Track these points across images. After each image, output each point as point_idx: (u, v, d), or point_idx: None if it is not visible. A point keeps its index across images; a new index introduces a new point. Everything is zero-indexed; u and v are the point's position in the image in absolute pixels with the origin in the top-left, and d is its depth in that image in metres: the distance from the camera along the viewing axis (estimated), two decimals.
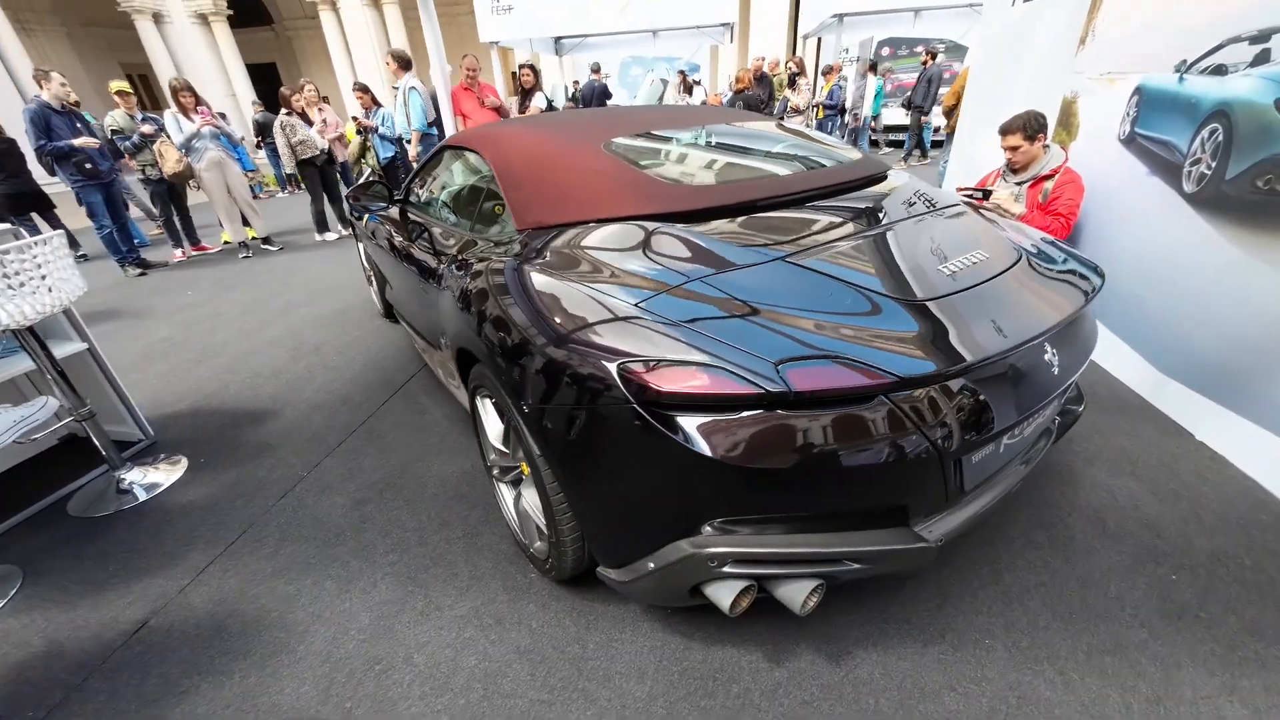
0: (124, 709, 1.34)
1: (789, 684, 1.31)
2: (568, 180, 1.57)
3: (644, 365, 1.02)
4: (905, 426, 1.00)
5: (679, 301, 1.13)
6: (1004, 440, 1.22)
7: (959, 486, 1.17)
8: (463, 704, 1.31)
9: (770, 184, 1.61)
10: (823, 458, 0.99)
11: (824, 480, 1.03)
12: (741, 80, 6.44)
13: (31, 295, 1.73)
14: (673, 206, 1.42)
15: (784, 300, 1.12)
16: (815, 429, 0.98)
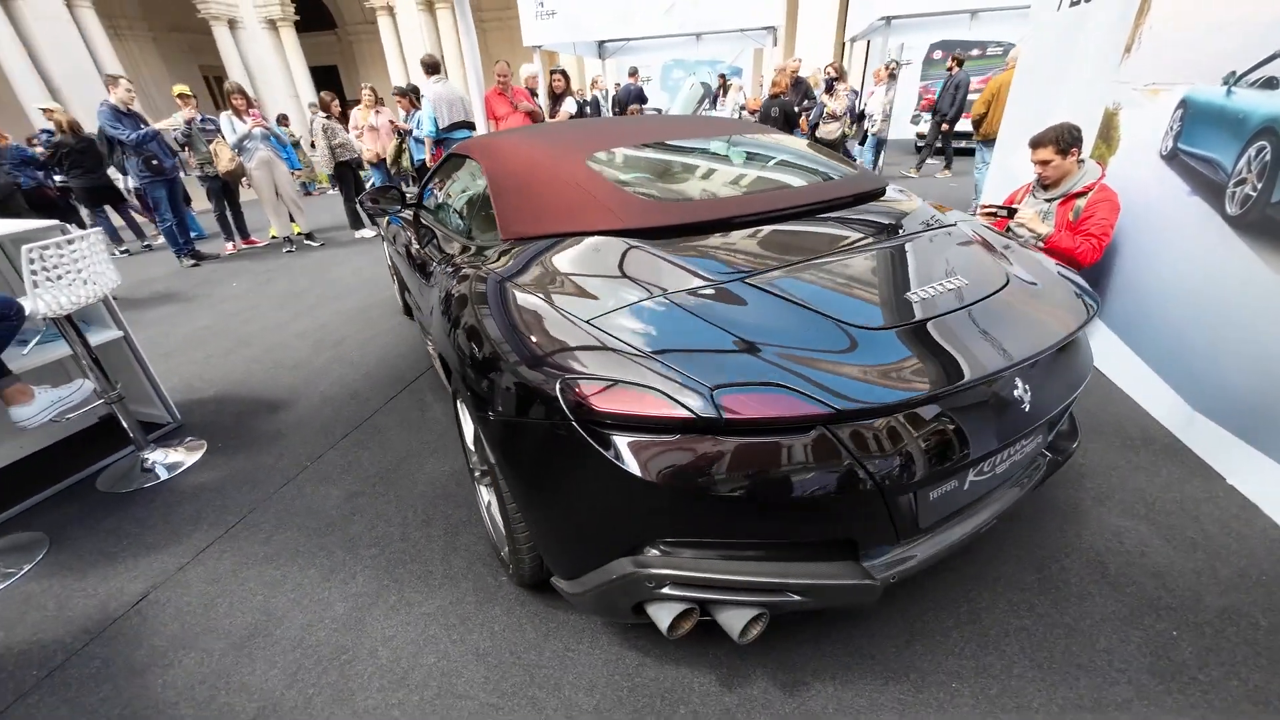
0: (114, 675, 1.44)
1: (738, 710, 1.29)
2: (548, 192, 1.59)
3: (583, 383, 1.03)
4: (843, 459, 0.97)
5: (631, 320, 1.13)
6: (969, 477, 1.16)
7: (913, 523, 1.12)
8: (416, 700, 1.35)
9: (749, 201, 1.59)
10: (756, 486, 0.97)
11: (759, 509, 1.01)
12: (777, 84, 6.33)
13: (68, 287, 1.89)
14: (645, 222, 1.42)
15: (736, 322, 1.10)
16: (748, 456, 0.96)
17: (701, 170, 1.88)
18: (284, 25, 18.82)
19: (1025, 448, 1.27)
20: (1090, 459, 2.07)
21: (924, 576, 1.61)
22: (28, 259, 1.75)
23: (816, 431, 0.96)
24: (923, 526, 1.14)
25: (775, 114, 6.26)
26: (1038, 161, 2.58)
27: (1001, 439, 1.11)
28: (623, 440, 0.99)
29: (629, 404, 0.98)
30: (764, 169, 1.97)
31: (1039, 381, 1.18)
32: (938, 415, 1.04)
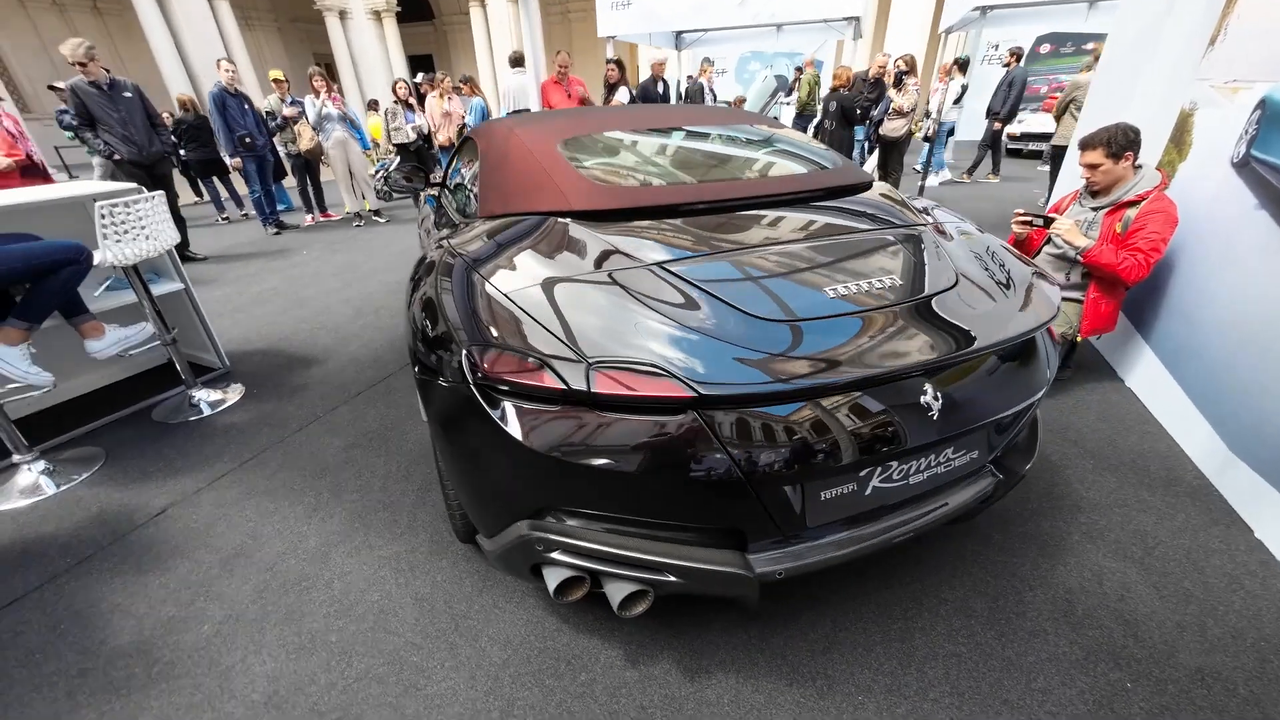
0: (124, 572, 1.70)
1: (634, 686, 1.33)
2: (518, 175, 1.67)
3: (483, 349, 1.10)
4: (712, 444, 0.97)
5: (544, 295, 1.18)
6: (872, 482, 1.12)
7: (800, 521, 1.10)
8: (353, 630, 1.49)
9: (703, 189, 1.59)
10: (626, 462, 1.00)
11: (631, 486, 1.04)
12: (839, 78, 6.06)
13: (133, 241, 2.19)
14: (593, 205, 1.46)
15: (640, 304, 1.12)
16: (618, 432, 0.99)
17: (667, 158, 1.89)
18: (387, 16, 20.15)
19: (952, 461, 1.20)
20: (1094, 492, 1.90)
21: (867, 587, 1.56)
22: (99, 214, 2.05)
23: (688, 414, 0.97)
24: (811, 525, 1.12)
25: (833, 109, 6.01)
26: (1086, 165, 2.35)
27: (906, 446, 1.06)
28: (509, 406, 1.05)
29: (515, 372, 1.04)
30: (735, 159, 1.95)
31: (963, 391, 1.11)
32: (823, 412, 1.01)
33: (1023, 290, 1.31)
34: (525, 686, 1.33)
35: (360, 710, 1.29)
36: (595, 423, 1.00)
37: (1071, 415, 2.34)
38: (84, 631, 1.51)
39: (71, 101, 4.23)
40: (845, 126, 6.18)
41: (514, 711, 1.28)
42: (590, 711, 1.27)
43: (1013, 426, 1.29)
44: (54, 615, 1.56)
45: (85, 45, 4.05)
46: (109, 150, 4.38)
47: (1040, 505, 1.85)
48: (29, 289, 1.97)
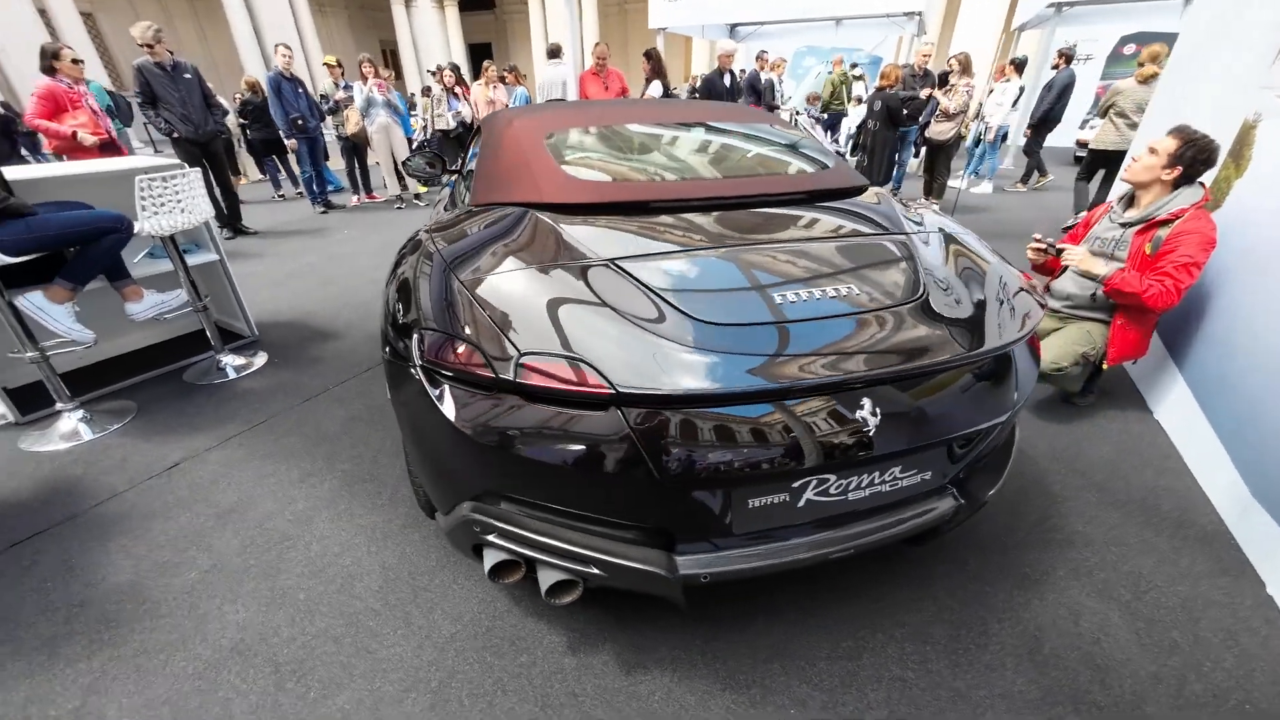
0: (133, 515, 1.85)
1: (570, 672, 1.35)
2: (504, 165, 1.70)
3: (429, 333, 1.14)
4: (632, 443, 0.97)
5: (498, 283, 1.21)
6: (806, 495, 1.10)
7: (725, 527, 1.09)
8: (320, 590, 1.58)
9: (676, 187, 1.59)
10: (552, 454, 1.02)
11: (559, 478, 1.05)
12: (886, 77, 5.82)
13: (169, 214, 2.36)
14: (564, 198, 1.47)
15: (585, 298, 1.13)
16: (542, 422, 1.01)
17: (655, 154, 1.87)
18: (450, 4, 20.71)
19: (899, 480, 1.16)
20: (1092, 528, 1.78)
21: (826, 600, 1.53)
22: (139, 188, 2.22)
23: (610, 411, 0.98)
24: (737, 532, 1.10)
25: (878, 108, 5.79)
26: (1149, 147, 2.15)
27: (838, 462, 1.03)
28: (447, 390, 1.09)
29: (453, 357, 1.07)
30: (722, 157, 1.93)
31: (911, 408, 1.07)
32: (748, 419, 1.00)
33: (997, 308, 1.24)
34: (467, 661, 1.38)
35: (314, 665, 1.37)
36: (524, 412, 1.03)
37: (1086, 444, 2.20)
38: (89, 567, 1.66)
39: (137, 81, 4.57)
40: (890, 127, 5.94)
41: (452, 683, 1.33)
42: (523, 691, 1.31)
43: (971, 450, 1.23)
44: (68, 550, 1.72)
45: (154, 28, 4.36)
46: (168, 128, 4.72)
47: (1028, 536, 1.75)
48: (76, 252, 2.16)
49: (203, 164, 4.90)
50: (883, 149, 6.09)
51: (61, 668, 1.37)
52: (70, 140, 4.12)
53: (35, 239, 2.00)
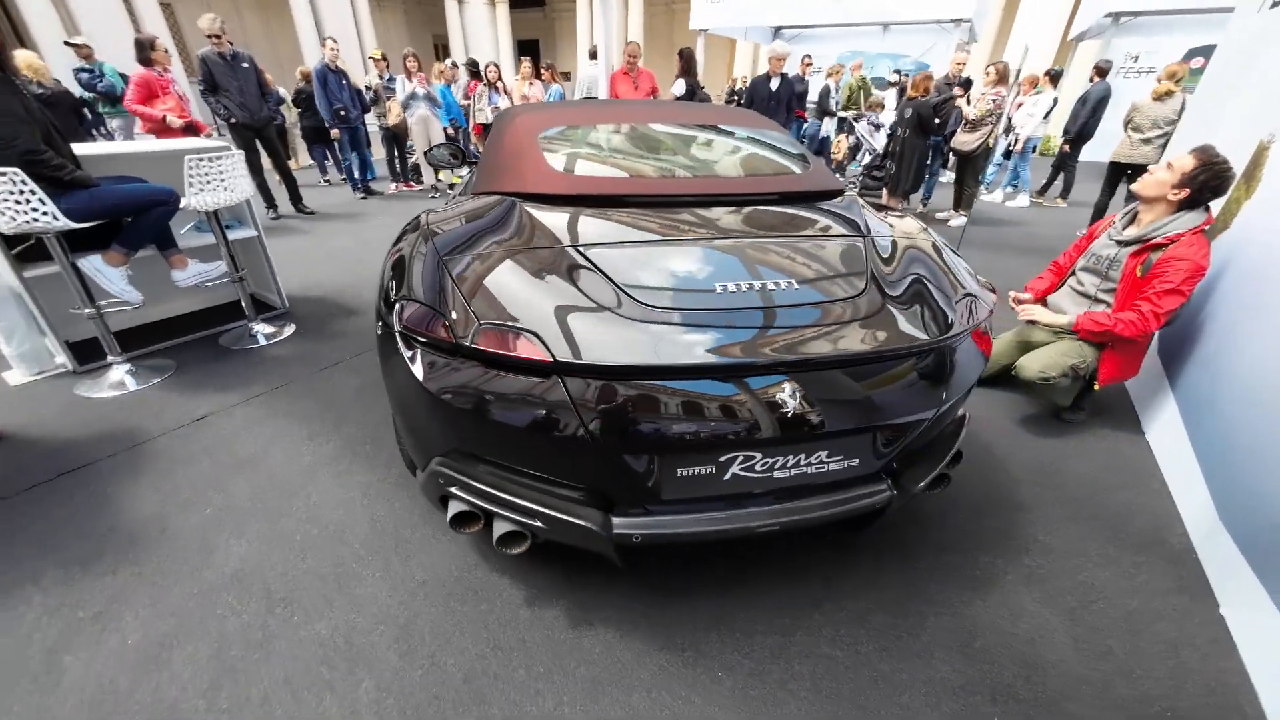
0: (162, 458, 2.08)
1: (523, 622, 1.48)
2: (502, 156, 1.84)
3: (409, 303, 1.28)
4: (569, 409, 1.09)
5: (473, 262, 1.34)
6: (732, 469, 1.19)
7: (655, 493, 1.19)
8: (314, 534, 1.75)
9: (653, 183, 1.70)
10: (502, 415, 1.14)
11: (508, 437, 1.18)
12: (917, 86, 5.74)
13: (212, 192, 2.61)
14: (545, 189, 1.61)
15: (548, 278, 1.26)
16: (496, 387, 1.14)
17: (639, 153, 1.98)
18: (500, 2, 21.22)
19: (826, 464, 1.23)
20: (1054, 538, 1.80)
21: (774, 580, 1.61)
22: (186, 167, 2.47)
23: (551, 378, 1.10)
24: (666, 498, 1.20)
25: (909, 116, 5.73)
26: (1165, 165, 2.13)
27: (758, 439, 1.12)
28: (419, 353, 1.23)
29: (426, 324, 1.21)
30: (701, 157, 2.02)
31: (833, 395, 1.15)
32: (675, 394, 1.10)
33: (936, 311, 1.30)
34: (433, 604, 1.52)
35: (300, 596, 1.54)
36: (480, 377, 1.15)
37: (1067, 460, 2.20)
38: (122, 498, 1.88)
39: (200, 69, 4.97)
40: (920, 135, 5.87)
41: (416, 622, 1.47)
42: (477, 634, 1.44)
43: (900, 441, 1.29)
44: (106, 482, 1.95)
45: (219, 20, 4.73)
46: (226, 113, 5.10)
47: (986, 540, 1.79)
48: (130, 222, 2.41)
49: (256, 148, 5.28)
50: (911, 156, 6.01)
51: (90, 579, 1.58)
52: (160, 122, 4.64)
53: (96, 208, 2.25)
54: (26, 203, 2.06)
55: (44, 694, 1.28)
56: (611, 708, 1.28)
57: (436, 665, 1.37)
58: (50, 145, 2.15)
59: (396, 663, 1.37)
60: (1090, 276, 2.35)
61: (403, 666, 1.36)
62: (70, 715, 1.24)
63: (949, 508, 1.92)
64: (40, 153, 2.08)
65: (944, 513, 1.90)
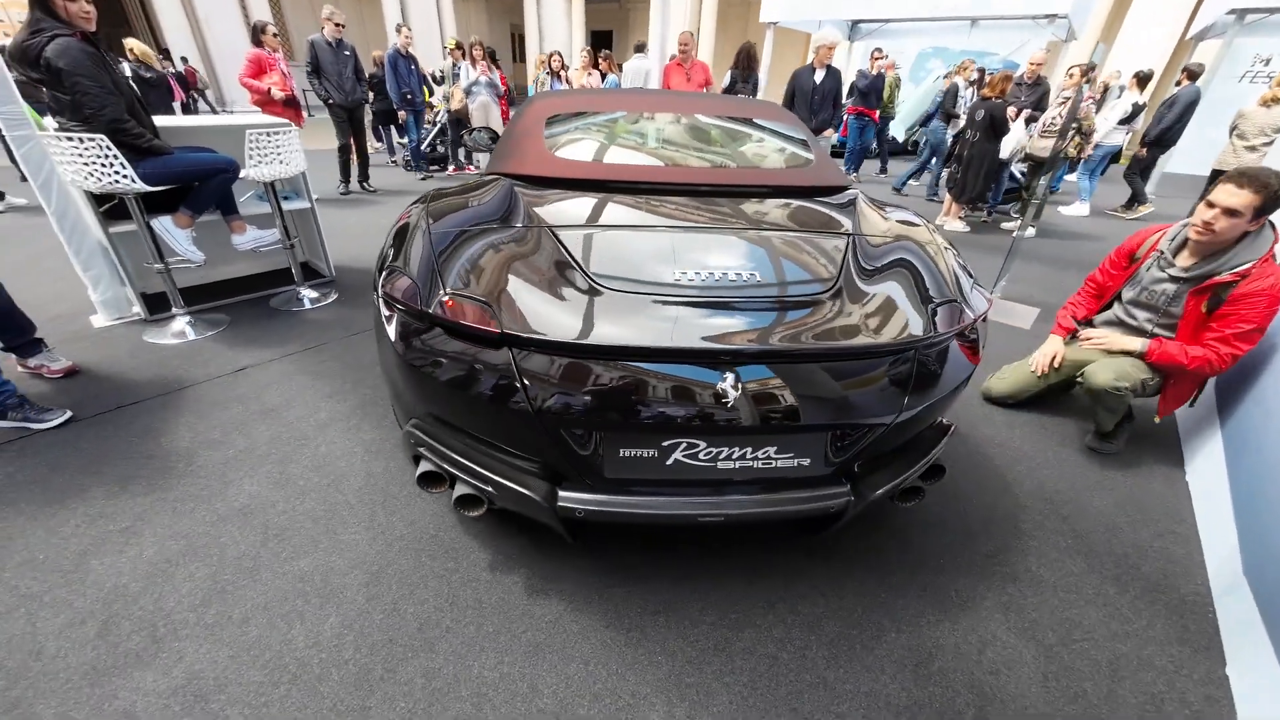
0: (201, 401, 2.32)
1: (483, 584, 1.56)
2: (510, 139, 1.91)
3: (394, 271, 1.37)
4: (515, 380, 1.14)
5: (454, 236, 1.41)
6: (675, 455, 1.20)
7: (597, 471, 1.22)
8: (315, 481, 1.91)
9: (642, 170, 1.71)
10: (458, 381, 1.21)
11: (462, 404, 1.24)
12: (992, 86, 5.36)
13: (270, 165, 2.84)
14: (538, 172, 1.66)
15: (518, 253, 1.31)
16: (453, 353, 1.20)
17: (641, 141, 1.98)
18: None
19: (774, 460, 1.22)
20: (1048, 570, 1.69)
21: (733, 576, 1.61)
22: (247, 141, 2.70)
23: (501, 349, 1.15)
24: (609, 476, 1.23)
25: (980, 118, 5.37)
26: (1223, 206, 1.81)
27: (700, 427, 1.13)
28: (396, 318, 1.32)
29: (402, 291, 1.29)
30: (702, 147, 2.01)
31: (779, 391, 1.13)
32: (617, 374, 1.12)
33: (908, 317, 1.25)
34: (406, 557, 1.63)
35: (292, 535, 1.69)
36: (441, 343, 1.23)
37: (1087, 492, 2.04)
38: (163, 432, 2.12)
39: (309, 52, 5.50)
40: (992, 139, 5.50)
41: (388, 570, 1.58)
42: (439, 589, 1.53)
43: (854, 445, 1.25)
44: (152, 418, 2.20)
45: (336, 12, 5.32)
46: (325, 94, 5.56)
47: (971, 563, 1.70)
48: (195, 187, 2.68)
49: (348, 128, 5.79)
50: (980, 162, 5.64)
51: (126, 498, 1.80)
52: (265, 94, 5.28)
53: (168, 173, 2.52)
54: (110, 166, 2.33)
55: (69, 588, 1.48)
56: (547, 674, 1.33)
57: (397, 611, 1.47)
58: (133, 116, 2.41)
59: (363, 604, 1.48)
60: (1143, 311, 2.14)
61: (367, 608, 1.47)
62: (86, 608, 1.43)
63: (938, 525, 1.84)
64: (124, 122, 2.35)
65: (931, 529, 1.82)
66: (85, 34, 2.24)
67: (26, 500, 1.77)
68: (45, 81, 2.21)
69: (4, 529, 1.66)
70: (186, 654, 1.34)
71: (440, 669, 1.33)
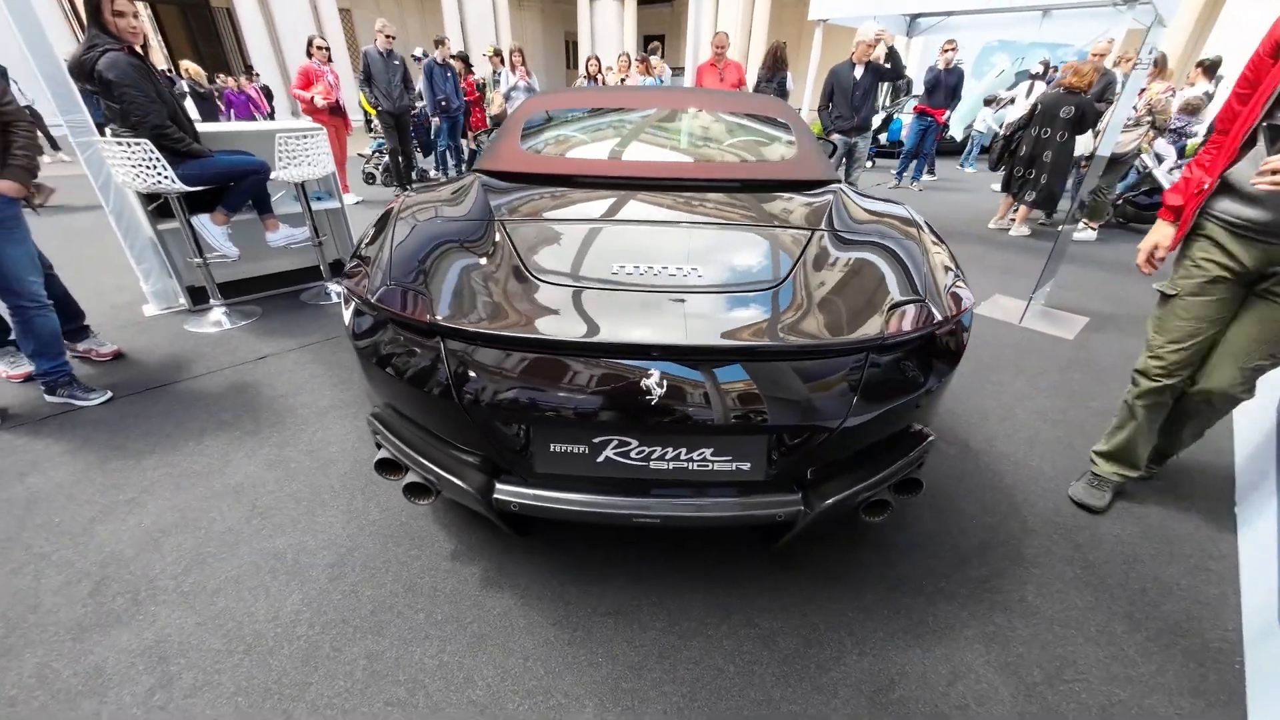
0: (222, 384, 2.48)
1: (441, 572, 1.58)
2: (493, 139, 1.93)
3: (355, 260, 1.41)
4: (442, 368, 1.14)
5: (412, 227, 1.44)
6: (605, 452, 1.16)
7: (526, 463, 1.20)
8: (306, 465, 2.00)
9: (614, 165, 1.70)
10: (393, 365, 1.23)
11: (402, 392, 1.26)
12: (1082, 75, 4.85)
13: (299, 167, 3.02)
14: (510, 168, 1.67)
15: (463, 248, 1.32)
16: (390, 342, 1.23)
17: (624, 136, 1.95)
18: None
19: (710, 463, 1.16)
20: (1046, 602, 1.53)
21: (694, 583, 1.56)
22: (277, 144, 2.88)
23: (435, 339, 1.16)
24: (540, 471, 1.21)
25: (1066, 115, 4.88)
26: None
27: (632, 426, 1.09)
28: (349, 302, 1.36)
29: (356, 279, 1.33)
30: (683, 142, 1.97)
31: (710, 390, 1.08)
32: (544, 366, 1.10)
33: (865, 318, 1.16)
34: (374, 541, 1.68)
35: (274, 513, 1.77)
36: (383, 333, 1.25)
37: (1112, 519, 1.84)
38: (184, 411, 2.29)
39: (362, 62, 5.93)
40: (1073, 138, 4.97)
41: (354, 554, 1.63)
42: (398, 574, 1.57)
43: (797, 451, 1.18)
44: (180, 398, 2.38)
45: (387, 25, 5.76)
46: (375, 101, 5.91)
47: (957, 587, 1.57)
48: (231, 187, 2.88)
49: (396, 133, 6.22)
50: (1066, 163, 5.06)
51: (137, 472, 1.95)
52: (310, 103, 5.68)
53: (205, 174, 2.72)
54: (153, 168, 2.54)
55: (74, 549, 1.62)
56: (485, 666, 1.33)
57: (355, 593, 1.51)
58: (174, 122, 2.63)
59: (325, 584, 1.54)
60: None
61: (328, 588, 1.52)
62: (84, 569, 1.56)
63: (927, 544, 1.71)
64: (165, 128, 2.56)
65: (919, 549, 1.69)
66: (132, 48, 2.46)
67: (57, 468, 1.95)
68: (98, 92, 2.44)
69: (35, 494, 1.84)
70: (159, 618, 1.43)
71: (384, 652, 1.36)
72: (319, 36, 6.00)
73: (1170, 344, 1.64)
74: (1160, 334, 1.67)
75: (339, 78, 6.01)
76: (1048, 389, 2.64)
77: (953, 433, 2.27)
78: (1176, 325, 1.62)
